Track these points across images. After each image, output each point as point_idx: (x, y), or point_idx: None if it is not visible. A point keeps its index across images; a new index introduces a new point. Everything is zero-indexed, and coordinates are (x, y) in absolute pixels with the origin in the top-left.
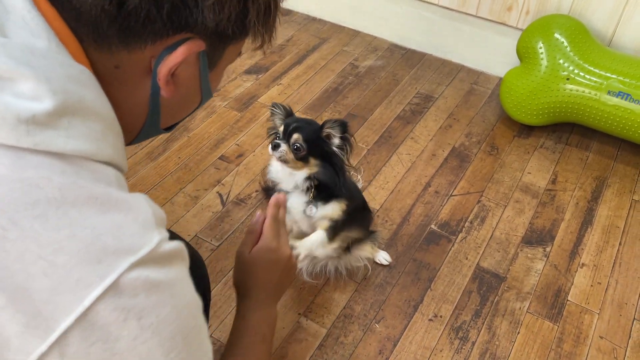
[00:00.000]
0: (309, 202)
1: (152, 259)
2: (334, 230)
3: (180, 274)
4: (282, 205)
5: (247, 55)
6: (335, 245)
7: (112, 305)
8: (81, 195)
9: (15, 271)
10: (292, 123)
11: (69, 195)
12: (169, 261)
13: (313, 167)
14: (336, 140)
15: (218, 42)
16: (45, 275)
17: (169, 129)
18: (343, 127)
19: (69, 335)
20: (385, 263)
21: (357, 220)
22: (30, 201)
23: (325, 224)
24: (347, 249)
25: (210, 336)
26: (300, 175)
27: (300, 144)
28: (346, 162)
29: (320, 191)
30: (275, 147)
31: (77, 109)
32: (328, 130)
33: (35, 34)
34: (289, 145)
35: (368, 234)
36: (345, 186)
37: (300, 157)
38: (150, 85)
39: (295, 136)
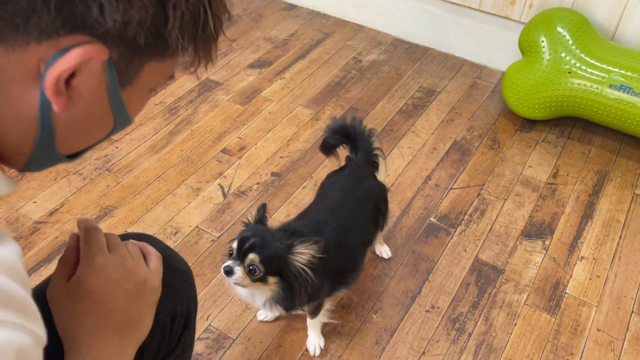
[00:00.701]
0: (269, 302)
1: None
2: (315, 310)
3: None
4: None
5: (251, 49)
6: (327, 306)
7: None
8: None
9: None
10: (248, 238)
11: None
12: None
13: (272, 285)
14: (304, 258)
15: (130, 54)
16: None
17: (73, 156)
18: (317, 243)
19: None
20: (386, 257)
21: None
22: None
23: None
24: None
25: (210, 325)
26: (262, 296)
27: (256, 265)
28: (308, 282)
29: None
30: (228, 273)
31: None
32: (301, 251)
33: None
34: (244, 267)
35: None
36: (307, 299)
37: (257, 279)
38: (39, 96)
39: (251, 257)
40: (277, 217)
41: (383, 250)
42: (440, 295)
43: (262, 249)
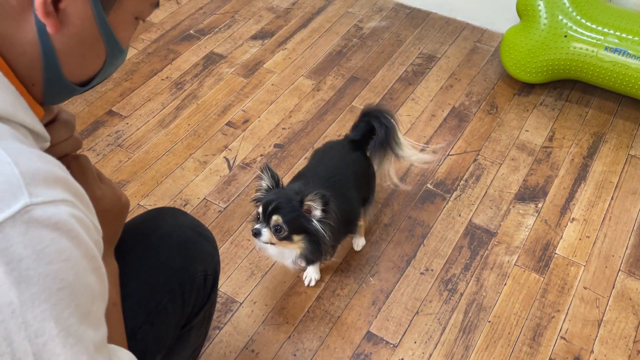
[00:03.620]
0: (297, 259)
1: (14, 225)
2: (332, 253)
3: (54, 243)
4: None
5: (253, 20)
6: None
7: None
8: None
9: None
10: (271, 202)
11: None
12: (40, 227)
13: (298, 242)
14: (317, 213)
15: None
16: None
17: (84, 85)
18: (323, 199)
19: None
20: (357, 249)
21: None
22: None
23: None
24: None
25: (218, 290)
26: (290, 253)
27: (281, 225)
28: (327, 236)
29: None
30: (257, 234)
31: None
32: (308, 203)
33: None
34: (270, 228)
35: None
36: (328, 251)
37: (283, 238)
38: (35, 22)
39: (275, 218)
40: None
41: (360, 242)
42: (435, 258)
43: (284, 210)
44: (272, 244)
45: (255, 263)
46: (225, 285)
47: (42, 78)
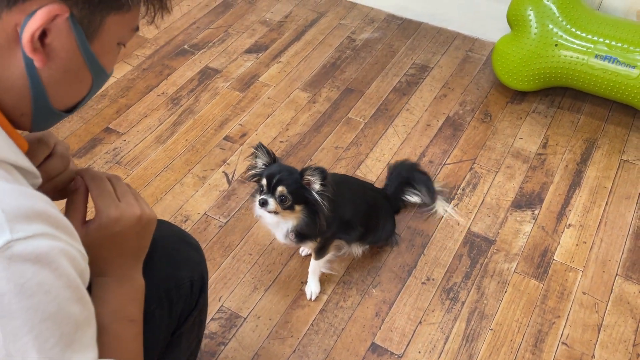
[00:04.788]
0: (290, 231)
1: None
2: (321, 250)
3: (35, 276)
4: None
5: (247, 34)
6: (329, 254)
7: None
8: None
9: None
10: (274, 175)
11: None
12: (22, 262)
13: (298, 213)
14: (316, 186)
15: (89, 9)
16: None
17: (70, 111)
18: (322, 174)
19: None
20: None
21: (343, 233)
22: None
23: (311, 247)
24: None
25: (222, 306)
26: (286, 224)
27: (285, 195)
28: (325, 208)
29: (299, 234)
30: (264, 204)
31: None
32: (308, 177)
33: None
34: (275, 199)
35: (366, 240)
36: (322, 228)
37: (287, 207)
38: (23, 57)
39: (280, 189)
40: None
41: (360, 249)
42: (435, 267)
43: (288, 181)
44: (275, 213)
45: (257, 277)
46: (229, 301)
47: (31, 109)
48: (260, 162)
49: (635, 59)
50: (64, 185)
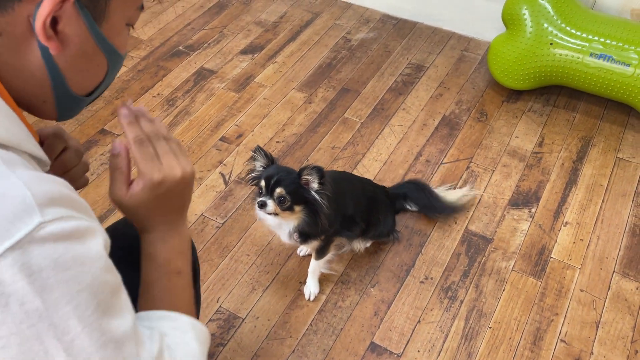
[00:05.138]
0: (293, 231)
1: (31, 241)
2: (322, 249)
3: (68, 252)
4: (141, 117)
5: (242, 35)
6: (330, 254)
7: None
8: None
9: None
10: (272, 176)
11: None
12: (54, 241)
13: (298, 213)
14: (314, 185)
15: None
16: None
17: (90, 95)
18: (319, 172)
19: None
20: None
21: (345, 231)
22: None
23: (314, 246)
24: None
25: (220, 307)
26: (288, 225)
27: (284, 196)
28: (324, 207)
29: (302, 234)
30: (262, 206)
31: None
32: (306, 177)
33: None
34: (274, 200)
35: (367, 236)
36: (324, 227)
37: (286, 208)
38: (39, 46)
39: (279, 190)
40: None
41: (363, 245)
42: (433, 266)
43: (286, 182)
44: (275, 214)
45: (255, 278)
46: (227, 302)
47: (53, 96)
48: (259, 164)
49: (630, 57)
50: (78, 176)
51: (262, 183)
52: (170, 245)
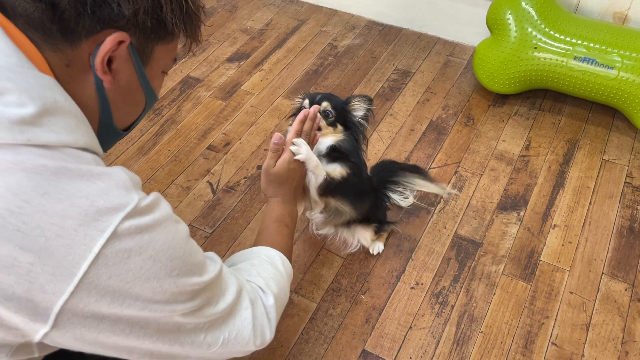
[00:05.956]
0: (329, 149)
1: (138, 211)
2: (326, 187)
3: (162, 215)
4: (309, 119)
5: (228, 42)
6: (319, 204)
7: (116, 248)
8: (71, 173)
9: (35, 237)
10: (318, 95)
11: (62, 175)
12: (151, 209)
13: (339, 133)
14: (360, 113)
15: (144, 38)
16: (59, 236)
17: (126, 130)
18: (369, 101)
19: (89, 275)
20: (374, 253)
21: (352, 197)
22: (35, 184)
23: (341, 172)
24: (347, 224)
25: None
26: (325, 142)
27: (330, 110)
28: (366, 132)
29: (330, 154)
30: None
31: (53, 109)
32: (355, 104)
33: (7, 53)
34: (320, 112)
35: (369, 220)
36: (359, 156)
37: (330, 123)
38: (94, 79)
39: (325, 104)
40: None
41: (377, 246)
42: (424, 272)
43: (332, 100)
44: (318, 129)
45: None
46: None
47: (98, 126)
48: (306, 102)
49: (613, 60)
50: None
51: (306, 102)
52: (285, 207)
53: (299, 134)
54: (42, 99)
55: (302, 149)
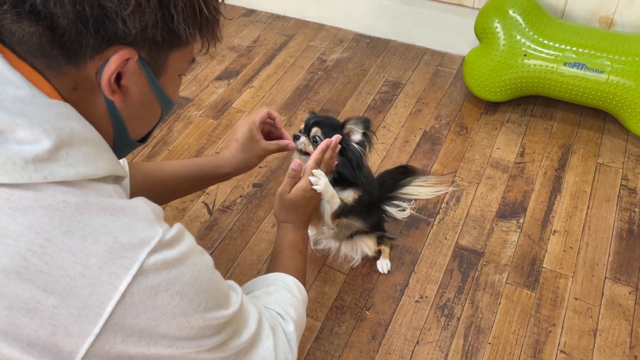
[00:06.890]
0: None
1: (163, 245)
2: (340, 212)
3: (187, 248)
4: (330, 148)
5: (217, 61)
6: (332, 225)
7: (143, 285)
8: (94, 208)
9: (59, 277)
10: (312, 119)
11: (85, 210)
12: (176, 242)
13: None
14: (357, 137)
15: (155, 50)
16: (84, 275)
17: (143, 140)
18: (366, 123)
19: (115, 316)
20: (384, 272)
21: (364, 213)
22: (57, 222)
23: (353, 196)
24: (350, 236)
25: None
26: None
27: (319, 137)
28: (364, 157)
29: (340, 179)
30: (296, 138)
31: (70, 140)
32: (350, 127)
33: (17, 85)
34: (309, 138)
35: (374, 229)
36: (364, 178)
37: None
38: (104, 99)
39: (314, 129)
40: (264, 227)
41: (384, 264)
42: (427, 284)
43: (324, 125)
44: (305, 153)
45: None
46: None
47: (113, 141)
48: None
49: (603, 64)
50: None
51: (302, 125)
52: (299, 233)
53: (318, 163)
54: (57, 130)
55: (320, 181)
